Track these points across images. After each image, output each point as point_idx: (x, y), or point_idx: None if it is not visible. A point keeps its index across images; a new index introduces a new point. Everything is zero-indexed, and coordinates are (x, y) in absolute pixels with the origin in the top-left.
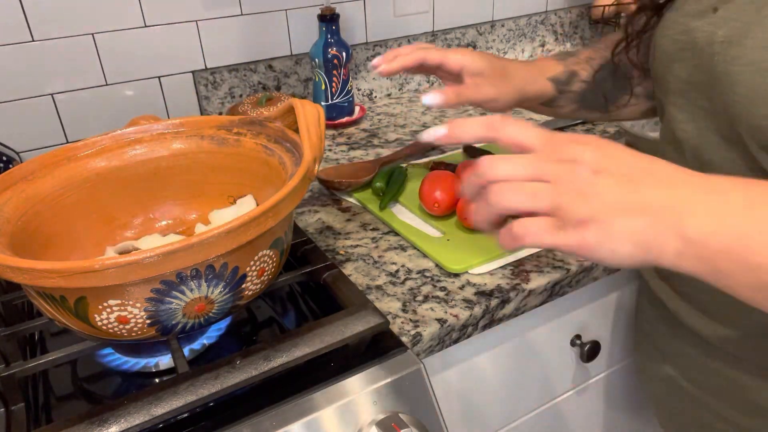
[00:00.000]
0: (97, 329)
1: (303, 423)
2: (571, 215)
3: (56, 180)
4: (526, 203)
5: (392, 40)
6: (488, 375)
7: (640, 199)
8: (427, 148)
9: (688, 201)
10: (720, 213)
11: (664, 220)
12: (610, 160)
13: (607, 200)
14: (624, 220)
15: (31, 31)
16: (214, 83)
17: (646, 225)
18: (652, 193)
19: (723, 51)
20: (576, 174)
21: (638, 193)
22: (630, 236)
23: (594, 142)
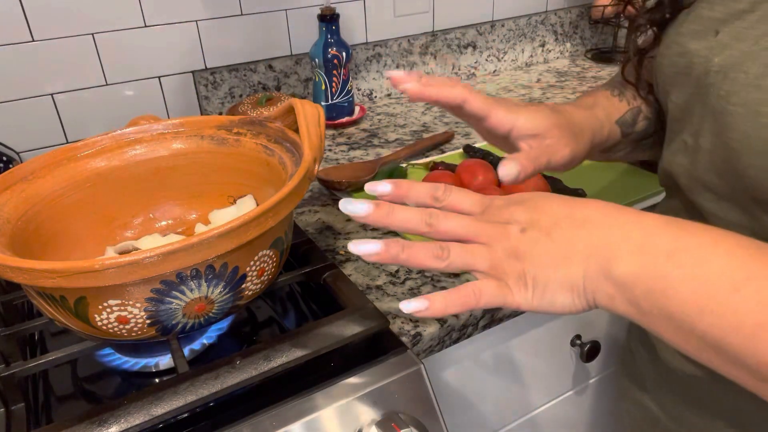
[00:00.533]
0: (97, 329)
1: (303, 423)
2: (508, 274)
3: (56, 180)
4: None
5: (392, 40)
6: (488, 375)
7: (568, 249)
8: (427, 148)
9: (614, 244)
10: (644, 255)
11: (593, 265)
12: (540, 214)
13: (537, 255)
14: (556, 271)
15: (31, 31)
16: (214, 83)
17: (577, 272)
18: (580, 240)
19: (718, 83)
20: (507, 235)
21: (566, 242)
22: (564, 285)
23: (528, 201)
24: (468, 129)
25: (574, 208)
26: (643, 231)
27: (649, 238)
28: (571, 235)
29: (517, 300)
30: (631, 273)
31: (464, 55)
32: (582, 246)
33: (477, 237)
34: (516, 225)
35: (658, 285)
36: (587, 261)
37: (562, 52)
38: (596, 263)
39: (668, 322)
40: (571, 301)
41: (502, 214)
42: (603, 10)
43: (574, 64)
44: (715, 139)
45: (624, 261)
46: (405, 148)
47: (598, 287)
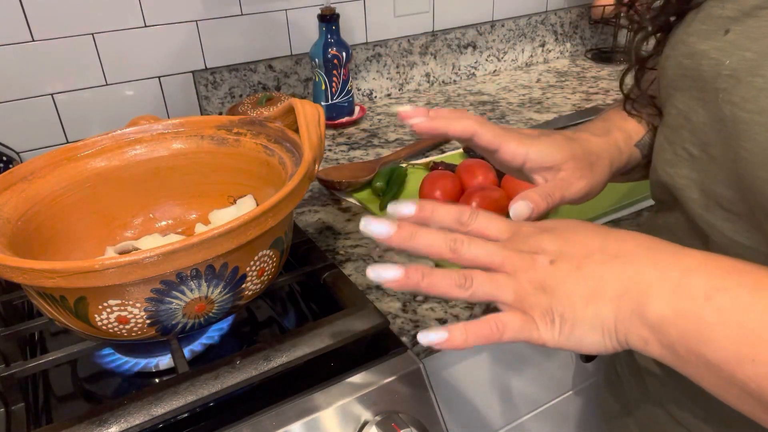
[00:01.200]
0: (97, 329)
1: (303, 423)
2: (534, 308)
3: (56, 180)
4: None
5: (392, 40)
6: (488, 375)
7: (599, 285)
8: (427, 148)
9: (649, 282)
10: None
11: (626, 305)
12: (571, 245)
13: (566, 290)
14: (585, 309)
15: (31, 31)
16: (214, 83)
17: (608, 311)
18: (612, 276)
19: (730, 88)
20: (534, 265)
21: (597, 278)
22: (594, 325)
23: (559, 229)
24: None
25: (607, 240)
26: (681, 269)
27: (686, 278)
28: (602, 270)
29: (543, 337)
30: (665, 315)
31: (464, 55)
32: (614, 283)
33: (502, 266)
34: (545, 255)
35: (694, 329)
36: (619, 300)
37: (562, 52)
38: (629, 303)
39: (706, 369)
40: (601, 342)
41: (529, 242)
42: (603, 10)
43: (574, 64)
44: (727, 150)
45: (658, 302)
46: (405, 148)
47: (631, 329)
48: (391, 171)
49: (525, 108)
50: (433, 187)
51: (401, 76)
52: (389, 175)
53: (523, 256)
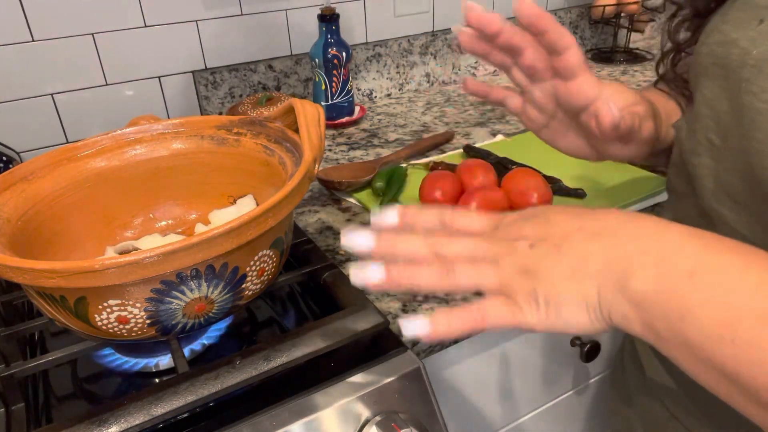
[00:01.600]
0: (97, 329)
1: (303, 423)
2: (517, 292)
3: (56, 180)
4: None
5: (392, 40)
6: (488, 375)
7: (580, 262)
8: (427, 148)
9: (630, 257)
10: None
11: (608, 280)
12: (550, 227)
13: (548, 271)
14: (568, 287)
15: (31, 31)
16: (214, 83)
17: (591, 288)
18: (593, 254)
19: (752, 78)
20: (515, 251)
21: (577, 256)
22: (579, 303)
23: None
24: (468, 129)
25: (586, 220)
26: (664, 245)
27: (669, 254)
28: (583, 248)
29: (530, 320)
30: (647, 292)
31: (464, 55)
32: (595, 260)
33: (485, 257)
34: (524, 241)
35: (675, 307)
36: (601, 276)
37: None
38: (611, 278)
39: (686, 349)
40: (587, 320)
41: (511, 231)
42: (603, 10)
43: None
44: (742, 140)
45: (640, 278)
46: (405, 148)
47: (614, 305)
48: (391, 171)
49: None
50: (433, 187)
51: (401, 76)
52: (389, 175)
53: (504, 243)
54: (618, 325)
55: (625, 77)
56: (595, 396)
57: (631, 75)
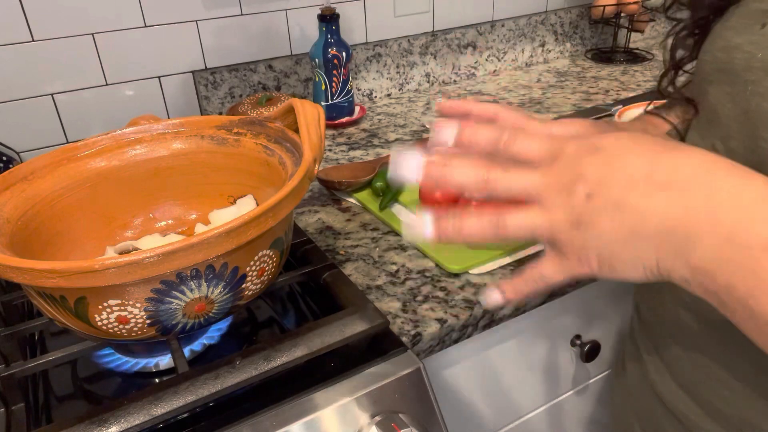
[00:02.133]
0: (97, 329)
1: (303, 423)
2: (569, 246)
3: (56, 180)
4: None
5: (392, 40)
6: (488, 375)
7: (639, 222)
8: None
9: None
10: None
11: (669, 245)
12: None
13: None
14: (624, 248)
15: (31, 31)
16: (214, 83)
17: (648, 251)
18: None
19: (759, 80)
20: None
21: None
22: (636, 263)
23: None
24: None
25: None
26: (738, 209)
27: (742, 223)
28: (645, 204)
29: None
30: (713, 261)
31: (464, 55)
32: (656, 220)
33: (539, 198)
34: (582, 186)
35: (743, 282)
36: (661, 239)
37: (562, 52)
38: (672, 244)
39: (751, 320)
40: (643, 276)
41: (571, 167)
42: (603, 10)
43: (574, 64)
44: (748, 141)
45: (706, 247)
46: None
47: (675, 268)
48: None
49: (525, 108)
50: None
51: (401, 76)
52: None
53: (560, 187)
54: (678, 284)
55: (625, 77)
56: (595, 396)
57: (631, 75)
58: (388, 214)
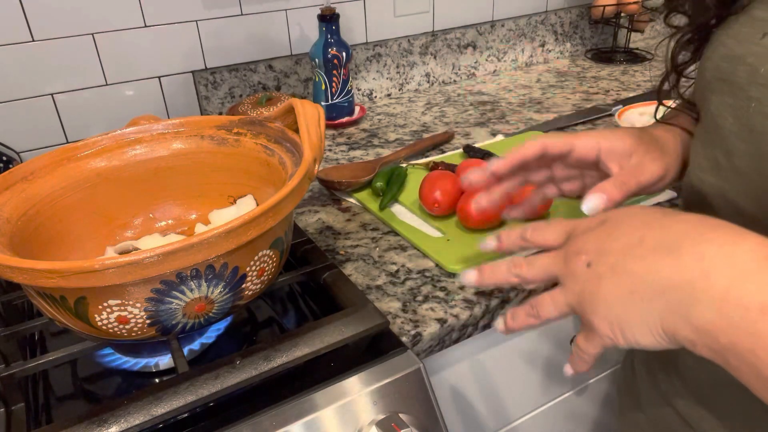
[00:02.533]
0: (97, 329)
1: (303, 423)
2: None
3: (56, 180)
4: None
5: (392, 40)
6: (488, 375)
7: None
8: (427, 148)
9: (692, 284)
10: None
11: (668, 305)
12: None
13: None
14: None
15: (31, 31)
16: (214, 83)
17: (650, 311)
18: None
19: (763, 99)
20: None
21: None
22: (640, 325)
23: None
24: (468, 129)
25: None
26: (731, 270)
27: (737, 283)
28: (639, 267)
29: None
30: (713, 322)
31: (464, 55)
32: (651, 280)
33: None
34: (584, 257)
35: (746, 342)
36: (660, 299)
37: (562, 52)
38: (671, 304)
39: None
40: (654, 340)
41: (576, 243)
42: (603, 10)
43: (574, 64)
44: (754, 163)
45: (705, 308)
46: (405, 148)
47: (678, 330)
48: (391, 171)
49: (525, 108)
50: (433, 187)
51: (401, 76)
52: (389, 175)
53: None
54: (686, 346)
55: (625, 77)
56: (595, 396)
57: (631, 75)
58: (388, 214)
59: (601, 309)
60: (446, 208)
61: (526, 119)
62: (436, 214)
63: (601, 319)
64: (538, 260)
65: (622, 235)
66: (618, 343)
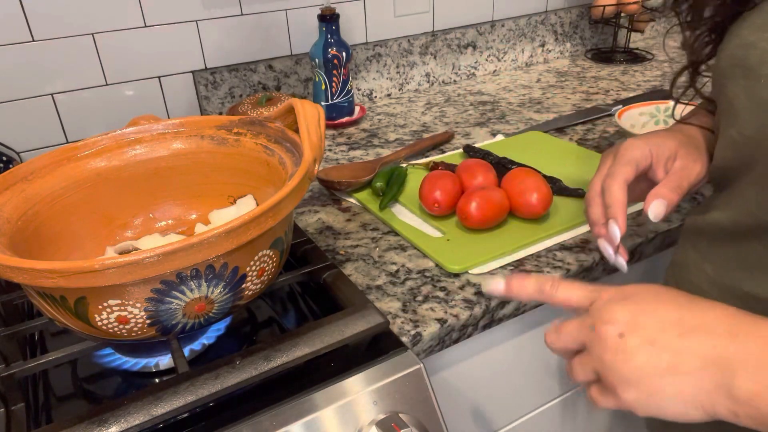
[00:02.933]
0: (97, 329)
1: (303, 423)
2: (609, 381)
3: (56, 180)
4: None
5: (392, 40)
6: (488, 375)
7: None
8: (427, 148)
9: (731, 358)
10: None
11: (709, 379)
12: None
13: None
14: (662, 382)
15: (31, 31)
16: (214, 83)
17: (690, 385)
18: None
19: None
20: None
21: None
22: (675, 397)
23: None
24: (468, 129)
25: (686, 312)
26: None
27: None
28: (679, 344)
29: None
30: (753, 391)
31: (464, 55)
32: (692, 357)
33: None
34: (613, 327)
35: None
36: (701, 373)
37: (562, 52)
38: (713, 378)
39: None
40: (684, 411)
41: (603, 312)
42: (603, 10)
43: (574, 64)
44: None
45: (745, 378)
46: (405, 148)
47: (718, 402)
48: (391, 171)
49: (525, 108)
50: (433, 187)
51: (401, 76)
52: (389, 175)
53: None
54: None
55: (625, 77)
56: None
57: (631, 75)
58: (388, 214)
59: (632, 380)
60: (446, 208)
61: (526, 119)
62: (436, 214)
63: (628, 388)
64: (566, 327)
65: (657, 311)
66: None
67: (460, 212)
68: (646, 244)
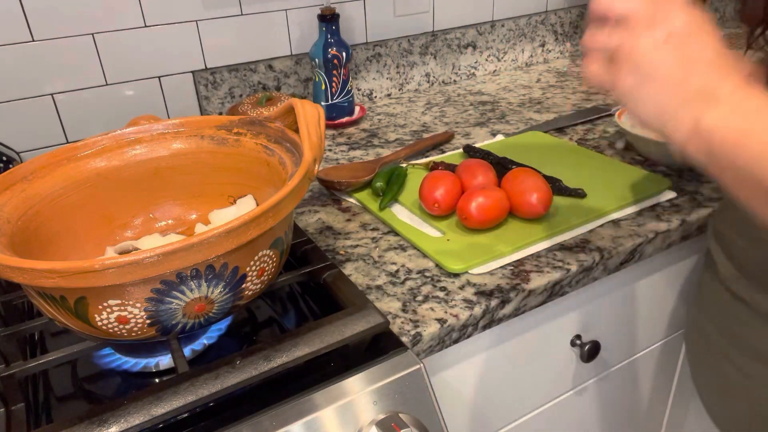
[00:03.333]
0: (97, 329)
1: (303, 423)
2: (622, 59)
3: (56, 180)
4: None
5: (392, 40)
6: (488, 375)
7: (687, 75)
8: (427, 148)
9: (721, 97)
10: (737, 112)
11: (691, 105)
12: (691, 38)
13: (659, 58)
14: (664, 82)
15: (31, 31)
16: (214, 83)
17: (674, 102)
18: (697, 79)
19: None
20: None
21: (689, 69)
22: (664, 98)
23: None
24: (468, 129)
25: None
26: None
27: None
28: (697, 68)
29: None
30: (716, 124)
31: (464, 55)
32: (699, 81)
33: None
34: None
35: (732, 139)
36: (689, 98)
37: (562, 52)
38: (696, 104)
39: (735, 174)
40: (649, 118)
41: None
42: None
43: (574, 64)
44: None
45: (718, 113)
46: (405, 148)
47: (682, 124)
48: (391, 171)
49: (525, 108)
50: (433, 187)
51: (401, 76)
52: (389, 175)
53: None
54: (676, 142)
55: None
56: (595, 396)
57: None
58: (388, 214)
59: (642, 67)
60: (446, 208)
61: (526, 119)
62: (436, 214)
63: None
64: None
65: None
66: (620, 99)
67: (460, 212)
68: (646, 244)
